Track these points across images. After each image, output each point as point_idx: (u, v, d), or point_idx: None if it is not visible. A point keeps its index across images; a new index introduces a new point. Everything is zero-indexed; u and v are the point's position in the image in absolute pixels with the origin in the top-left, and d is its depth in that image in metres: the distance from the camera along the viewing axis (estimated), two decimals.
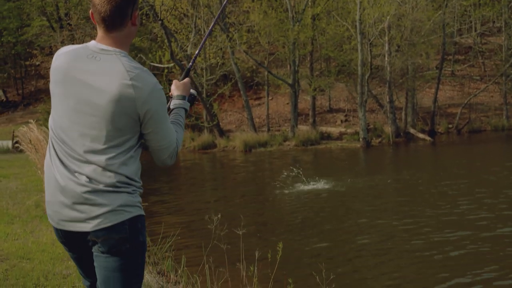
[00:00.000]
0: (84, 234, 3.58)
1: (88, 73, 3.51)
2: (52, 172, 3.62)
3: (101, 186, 3.48)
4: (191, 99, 4.21)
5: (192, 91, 4.24)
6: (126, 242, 3.58)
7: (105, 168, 3.49)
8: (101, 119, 3.48)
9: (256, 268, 6.60)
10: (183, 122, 4.00)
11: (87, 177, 3.48)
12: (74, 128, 3.55)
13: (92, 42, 3.63)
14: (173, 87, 4.17)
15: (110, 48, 3.56)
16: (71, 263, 7.96)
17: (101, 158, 3.49)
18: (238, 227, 6.99)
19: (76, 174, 3.51)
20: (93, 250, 3.65)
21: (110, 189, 3.51)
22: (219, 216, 6.86)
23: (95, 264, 3.69)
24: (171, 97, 4.16)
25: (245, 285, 6.82)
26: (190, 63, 4.45)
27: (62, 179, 3.55)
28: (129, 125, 3.52)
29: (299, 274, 10.09)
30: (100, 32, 3.60)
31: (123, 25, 3.58)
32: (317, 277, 6.79)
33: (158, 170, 26.32)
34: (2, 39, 50.06)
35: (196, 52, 4.47)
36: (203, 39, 4.55)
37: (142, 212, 3.69)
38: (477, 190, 18.54)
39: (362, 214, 15.78)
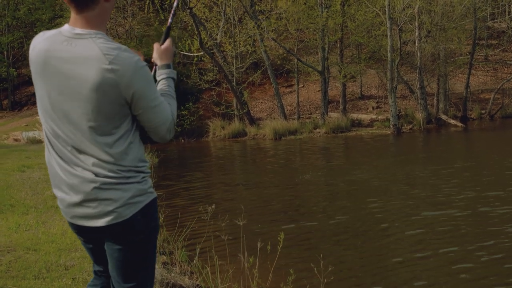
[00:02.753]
0: (97, 228, 3.57)
1: (65, 62, 3.42)
2: (55, 168, 3.59)
3: (108, 180, 3.45)
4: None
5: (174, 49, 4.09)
6: (140, 234, 3.61)
7: (107, 161, 3.45)
8: (88, 109, 3.40)
9: (258, 259, 6.54)
10: (173, 92, 3.89)
11: (92, 172, 3.44)
12: (64, 121, 3.48)
13: (66, 26, 3.53)
14: (154, 55, 4.03)
15: (84, 31, 3.44)
16: (76, 254, 7.99)
17: (101, 150, 3.45)
18: (239, 218, 6.94)
19: (79, 169, 3.47)
20: (106, 240, 3.68)
21: (119, 181, 3.47)
22: (213, 207, 6.81)
23: (107, 252, 3.72)
24: (155, 65, 4.02)
25: (247, 276, 6.76)
26: (170, 20, 4.25)
27: (66, 176, 3.53)
28: (118, 110, 3.44)
29: (298, 265, 9.91)
30: (72, 13, 3.48)
31: (94, 2, 3.43)
32: (315, 269, 6.70)
33: (188, 157, 26.42)
34: (35, 30, 50.33)
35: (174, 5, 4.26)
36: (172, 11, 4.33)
37: (154, 196, 3.69)
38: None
39: (377, 204, 15.45)
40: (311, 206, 15.74)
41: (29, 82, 51.30)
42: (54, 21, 49.55)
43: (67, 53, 3.42)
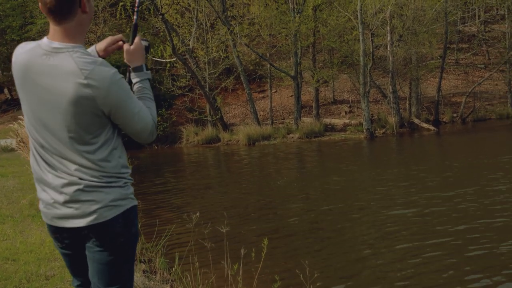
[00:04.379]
0: (77, 229, 3.61)
1: (43, 76, 3.48)
2: (39, 173, 3.64)
3: (92, 183, 3.51)
4: (147, 52, 4.03)
5: (145, 44, 4.05)
6: (120, 236, 3.64)
7: (90, 167, 3.51)
8: (67, 121, 3.46)
9: (241, 266, 6.50)
10: (151, 93, 3.90)
11: (76, 176, 3.50)
12: (46, 132, 3.54)
13: (44, 39, 3.57)
14: (126, 57, 3.96)
15: (62, 45, 3.49)
16: (56, 264, 7.90)
17: (82, 158, 3.50)
18: (222, 225, 6.90)
19: (64, 174, 3.52)
20: (86, 244, 3.70)
21: (101, 185, 3.53)
22: (198, 214, 6.77)
23: (88, 257, 3.75)
24: (128, 68, 3.97)
25: (230, 284, 6.72)
26: (135, 17, 4.16)
27: (51, 179, 3.57)
28: (97, 121, 3.49)
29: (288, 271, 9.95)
30: (51, 25, 3.54)
31: (72, 13, 3.48)
32: (301, 275, 6.68)
33: (161, 164, 26.30)
34: (5, 37, 50.03)
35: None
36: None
37: (135, 203, 3.75)
38: (487, 177, 18.49)
39: (357, 208, 15.55)
40: (288, 212, 15.76)
41: None
42: (24, 28, 49.31)
43: (45, 67, 3.48)
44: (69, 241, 3.76)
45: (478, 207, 14.61)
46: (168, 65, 35.66)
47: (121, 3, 34.16)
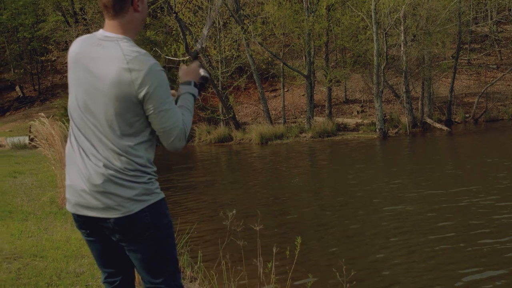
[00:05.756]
0: (103, 221, 3.70)
1: (91, 60, 3.72)
2: (74, 157, 3.77)
3: (118, 175, 3.61)
4: (202, 83, 4.22)
5: (202, 73, 4.26)
6: (149, 228, 3.72)
7: (120, 154, 3.64)
8: (106, 105, 3.64)
9: (273, 264, 6.49)
10: (191, 106, 4.02)
11: (105, 165, 3.61)
12: (87, 115, 3.72)
13: (100, 30, 3.82)
14: (180, 73, 4.22)
15: (113, 34, 3.76)
16: (84, 261, 7.92)
17: (115, 143, 3.64)
18: (255, 223, 6.89)
19: (95, 160, 3.65)
20: (120, 242, 3.81)
21: (127, 178, 3.63)
22: (234, 212, 6.76)
23: (130, 257, 3.90)
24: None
25: (263, 282, 6.71)
26: (198, 45, 4.53)
27: (82, 166, 3.68)
28: (132, 109, 3.64)
29: (319, 270, 10.01)
30: (106, 20, 3.82)
31: (124, 10, 3.76)
32: (338, 274, 6.67)
33: (174, 163, 26.31)
34: (18, 35, 50.25)
35: (205, 31, 4.50)
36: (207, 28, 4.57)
37: (162, 196, 3.83)
38: (497, 177, 18.55)
39: (383, 209, 15.55)
40: (314, 210, 15.94)
41: (11, 87, 51.12)
42: (37, 26, 49.40)
43: (95, 53, 3.72)
44: (96, 229, 3.83)
45: (487, 205, 14.88)
46: (181, 63, 35.65)
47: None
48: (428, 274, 10.14)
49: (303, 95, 41.32)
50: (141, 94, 3.58)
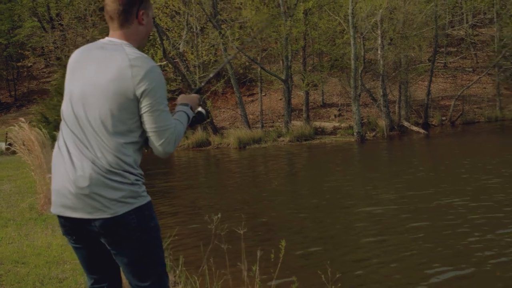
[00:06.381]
0: (89, 223, 3.68)
1: (93, 60, 3.80)
2: (60, 160, 3.75)
3: (105, 175, 3.60)
4: (199, 117, 4.33)
5: (201, 109, 4.38)
6: (135, 231, 3.70)
7: (109, 154, 3.63)
8: (103, 101, 3.67)
9: (258, 267, 6.49)
10: (184, 122, 4.06)
11: (93, 163, 3.61)
12: (80, 112, 3.75)
13: (105, 38, 3.94)
14: (178, 99, 4.30)
15: (118, 40, 3.86)
16: (66, 267, 7.88)
17: (104, 143, 3.65)
18: (239, 226, 6.89)
19: (82, 162, 3.64)
20: (108, 246, 3.79)
21: (114, 179, 3.62)
22: (219, 215, 6.76)
23: (117, 261, 3.88)
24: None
25: (247, 286, 6.71)
26: (203, 84, 4.67)
27: (69, 167, 3.67)
28: (128, 106, 3.67)
29: (303, 273, 10.08)
30: (110, 30, 3.94)
31: (129, 22, 3.88)
32: (323, 276, 6.69)
33: (152, 168, 26.25)
34: None
35: (213, 73, 4.69)
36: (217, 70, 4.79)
37: (148, 199, 3.82)
38: (473, 179, 18.80)
39: (360, 210, 15.74)
40: (297, 214, 15.97)
41: None
42: (13, 32, 49.16)
43: (97, 55, 3.81)
44: (82, 233, 3.81)
45: (459, 206, 15.27)
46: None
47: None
48: (404, 272, 10.36)
49: (280, 99, 41.39)
50: (140, 90, 3.64)
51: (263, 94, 41.76)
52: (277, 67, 41.39)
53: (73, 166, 3.65)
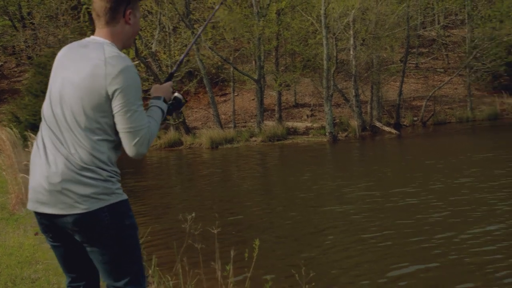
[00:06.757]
0: (62, 219, 3.67)
1: (74, 59, 3.83)
2: (37, 158, 3.76)
3: (77, 171, 3.61)
4: (174, 103, 4.35)
5: (177, 94, 4.39)
6: (109, 229, 3.68)
7: (82, 150, 3.64)
8: (77, 97, 3.69)
9: (232, 267, 6.49)
10: (158, 118, 4.05)
11: (67, 159, 3.61)
12: (57, 109, 3.77)
13: (91, 36, 3.97)
14: (151, 90, 4.29)
15: (101, 39, 3.86)
16: (39, 267, 7.84)
17: (78, 139, 3.66)
18: (213, 226, 6.88)
19: (56, 158, 3.65)
20: (83, 244, 3.77)
21: (87, 174, 3.61)
22: (193, 214, 6.75)
23: (92, 259, 3.84)
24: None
25: (221, 285, 6.70)
26: (174, 68, 4.68)
27: (44, 164, 3.68)
28: (100, 103, 3.68)
29: (277, 272, 10.13)
30: (96, 27, 3.96)
31: (115, 21, 3.90)
32: (297, 275, 6.71)
33: (123, 167, 26.10)
34: None
35: (181, 57, 4.66)
36: (188, 47, 4.77)
37: (124, 197, 3.81)
38: (443, 178, 19.00)
39: (335, 209, 15.92)
40: (269, 213, 16.23)
41: None
42: None
43: (78, 53, 3.85)
44: (56, 232, 3.81)
45: (424, 205, 15.74)
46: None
47: (84, 6, 33.92)
48: (374, 269, 10.59)
49: (253, 99, 41.35)
50: (112, 89, 3.63)
51: (235, 94, 41.70)
52: (249, 67, 41.36)
53: (48, 163, 3.64)
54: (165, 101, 4.19)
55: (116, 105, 3.66)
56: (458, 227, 13.15)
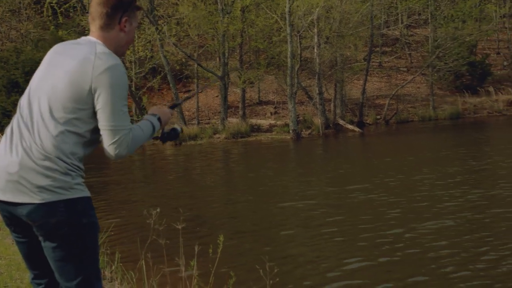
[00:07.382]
0: (17, 208, 3.61)
1: (63, 53, 3.83)
2: (2, 146, 3.71)
3: (36, 161, 3.54)
4: (173, 133, 4.34)
5: (176, 126, 4.39)
6: (63, 225, 3.58)
7: (46, 139, 3.57)
8: (58, 82, 3.67)
9: (196, 262, 6.50)
10: (146, 130, 3.96)
11: (27, 149, 3.56)
12: (34, 96, 3.74)
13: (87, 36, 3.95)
14: (150, 109, 4.23)
15: (93, 39, 3.85)
16: (1, 262, 7.79)
17: (46, 127, 3.60)
18: (177, 221, 6.88)
19: (15, 148, 3.60)
20: (39, 238, 3.68)
21: (45, 165, 3.54)
22: (158, 210, 6.74)
23: (46, 255, 3.72)
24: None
25: (185, 281, 6.71)
26: (180, 101, 4.84)
27: (3, 154, 3.63)
28: (82, 97, 3.63)
29: (241, 267, 10.17)
30: (90, 30, 3.93)
31: (110, 27, 3.87)
32: (261, 271, 6.73)
33: (86, 162, 25.95)
34: None
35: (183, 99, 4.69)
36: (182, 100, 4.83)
37: (84, 194, 3.69)
38: (403, 175, 19.24)
39: (295, 205, 16.01)
40: (231, 209, 16.26)
41: None
42: None
43: (69, 49, 3.84)
44: (17, 225, 3.76)
45: (380, 201, 15.99)
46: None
47: (47, 0, 33.65)
48: (333, 264, 10.62)
49: (217, 96, 41.36)
50: (97, 83, 3.59)
51: (199, 91, 41.66)
52: (213, 64, 41.35)
53: (11, 151, 3.60)
54: (159, 120, 4.11)
55: (100, 101, 3.61)
56: (413, 223, 13.43)
